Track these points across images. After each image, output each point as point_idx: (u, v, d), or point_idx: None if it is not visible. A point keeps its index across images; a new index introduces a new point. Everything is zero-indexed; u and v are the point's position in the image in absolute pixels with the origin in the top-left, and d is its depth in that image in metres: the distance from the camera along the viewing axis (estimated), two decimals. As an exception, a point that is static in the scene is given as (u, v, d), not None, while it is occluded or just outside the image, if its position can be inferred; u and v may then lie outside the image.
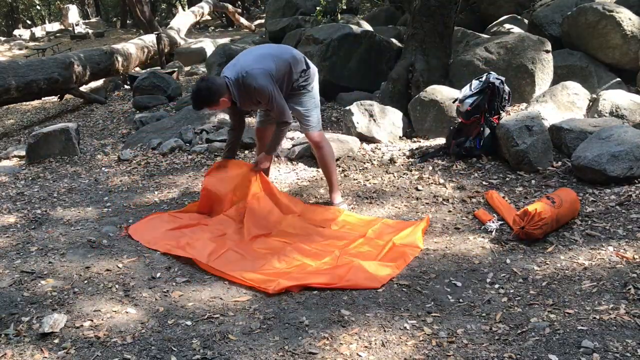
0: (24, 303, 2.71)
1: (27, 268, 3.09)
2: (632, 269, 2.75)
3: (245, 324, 2.52)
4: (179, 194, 4.39)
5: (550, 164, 4.14)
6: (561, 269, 2.85)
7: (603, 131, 3.97)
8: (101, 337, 2.43)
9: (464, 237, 3.33)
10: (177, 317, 2.59)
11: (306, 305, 2.69)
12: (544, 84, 5.36)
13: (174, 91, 8.12)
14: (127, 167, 5.18)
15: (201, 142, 5.49)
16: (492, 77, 4.33)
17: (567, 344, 2.23)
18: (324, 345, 2.35)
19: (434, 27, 5.42)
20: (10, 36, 23.94)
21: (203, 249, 3.28)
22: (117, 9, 28.60)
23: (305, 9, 10.84)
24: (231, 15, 18.03)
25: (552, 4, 6.70)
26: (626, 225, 3.21)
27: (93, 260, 3.20)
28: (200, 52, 11.90)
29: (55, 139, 5.64)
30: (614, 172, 3.67)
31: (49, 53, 14.80)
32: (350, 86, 6.36)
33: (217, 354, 2.30)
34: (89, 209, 4.16)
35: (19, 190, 4.68)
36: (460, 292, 2.75)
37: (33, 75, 7.82)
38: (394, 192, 4.08)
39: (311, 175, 4.57)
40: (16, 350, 2.35)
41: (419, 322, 2.50)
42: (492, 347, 2.27)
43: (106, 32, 21.46)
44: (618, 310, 2.42)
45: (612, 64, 5.80)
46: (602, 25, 5.58)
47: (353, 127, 5.04)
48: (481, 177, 4.15)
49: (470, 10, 8.62)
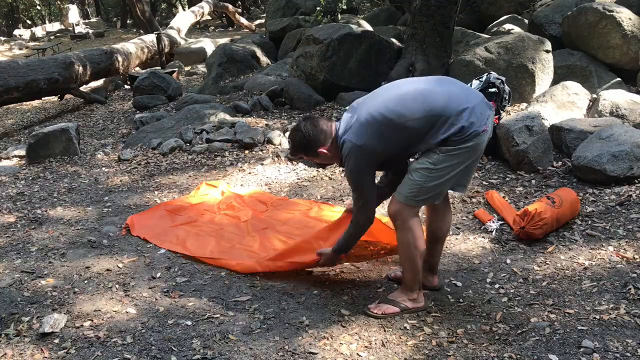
0: (24, 303, 2.71)
1: (27, 268, 3.09)
2: (632, 269, 2.75)
3: (245, 324, 2.52)
4: (179, 194, 4.39)
5: (550, 163, 4.14)
6: (561, 269, 2.85)
7: (603, 131, 3.97)
8: (101, 337, 2.43)
9: (464, 237, 3.33)
10: (177, 317, 2.59)
11: (306, 305, 2.69)
12: (544, 83, 5.36)
13: (174, 91, 8.13)
14: (127, 167, 5.18)
15: (201, 142, 5.49)
16: (492, 77, 4.33)
17: (567, 344, 2.23)
18: (324, 345, 2.35)
19: (434, 27, 5.43)
20: (11, 36, 23.96)
21: (203, 245, 3.35)
22: (117, 8, 28.60)
23: (306, 9, 10.85)
24: (231, 15, 18.04)
25: (552, 4, 6.70)
26: (626, 225, 3.21)
27: (93, 260, 3.20)
28: (200, 52, 11.91)
29: (55, 139, 5.64)
30: (614, 172, 3.67)
31: (49, 53, 14.80)
32: (350, 86, 6.36)
33: (217, 354, 2.30)
34: (89, 208, 4.16)
35: (19, 190, 4.68)
36: (461, 292, 2.75)
37: (33, 75, 7.83)
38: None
39: (311, 175, 4.57)
40: (16, 350, 2.35)
41: (419, 322, 2.50)
42: (492, 347, 2.27)
43: (106, 32, 21.48)
44: (618, 310, 2.42)
45: (612, 64, 5.80)
46: (602, 25, 5.58)
47: (353, 127, 5.02)
48: (481, 177, 4.15)
49: (470, 10, 8.62)
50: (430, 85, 2.44)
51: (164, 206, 4.01)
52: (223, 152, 5.24)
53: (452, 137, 2.31)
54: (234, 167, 4.88)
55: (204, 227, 3.65)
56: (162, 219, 3.77)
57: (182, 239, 3.45)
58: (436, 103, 2.33)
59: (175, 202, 4.11)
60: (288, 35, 9.70)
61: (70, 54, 9.19)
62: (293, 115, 6.23)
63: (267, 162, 4.90)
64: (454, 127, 2.30)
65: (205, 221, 3.76)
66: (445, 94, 2.37)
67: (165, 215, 3.84)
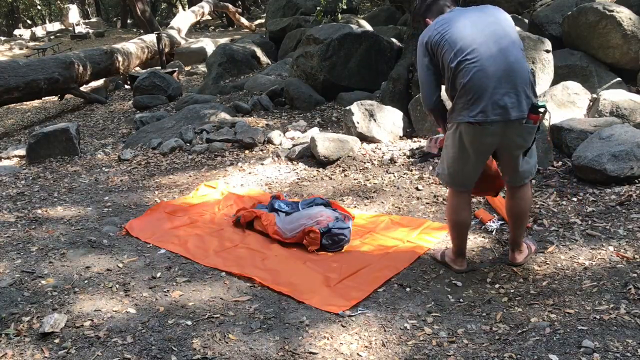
0: (25, 303, 2.71)
1: (27, 268, 3.09)
2: (633, 268, 2.75)
3: (245, 324, 2.52)
4: (179, 194, 4.39)
5: (550, 163, 4.14)
6: (561, 269, 2.85)
7: (603, 131, 3.97)
8: (101, 337, 2.43)
9: (464, 237, 3.33)
10: (177, 317, 2.59)
11: (306, 305, 2.68)
12: (544, 83, 5.36)
13: (174, 91, 8.13)
14: (127, 167, 5.18)
15: (201, 142, 5.49)
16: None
17: (567, 344, 2.23)
18: (325, 345, 2.35)
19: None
20: (11, 36, 23.98)
21: (205, 245, 3.37)
22: (117, 8, 28.62)
23: (306, 9, 10.85)
24: (231, 15, 18.04)
25: (552, 4, 6.69)
26: (626, 225, 3.21)
27: (93, 260, 3.20)
28: (200, 52, 11.92)
29: (55, 139, 5.65)
30: (614, 172, 3.67)
31: (49, 53, 14.81)
32: (350, 86, 6.37)
33: (217, 354, 2.30)
34: (89, 208, 4.16)
35: (20, 190, 4.69)
36: (461, 292, 2.75)
37: (33, 75, 7.84)
38: (394, 192, 4.08)
39: (311, 175, 4.57)
40: (17, 350, 2.35)
41: (419, 322, 2.50)
42: (492, 347, 2.27)
43: (106, 32, 21.49)
44: (618, 310, 2.42)
45: (612, 64, 5.79)
46: (603, 25, 5.57)
47: (353, 127, 5.04)
48: (481, 177, 4.14)
49: (470, 10, 8.60)
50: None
51: (163, 207, 4.01)
52: (223, 152, 5.24)
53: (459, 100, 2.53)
54: (234, 167, 4.88)
55: (205, 228, 3.65)
56: (161, 221, 3.76)
57: (183, 240, 3.45)
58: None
59: (175, 202, 4.11)
60: (288, 35, 9.71)
61: (71, 54, 9.20)
62: (293, 115, 6.23)
63: (268, 162, 4.90)
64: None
65: (206, 221, 3.77)
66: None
67: (165, 217, 3.83)
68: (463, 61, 2.49)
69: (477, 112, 2.49)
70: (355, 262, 3.06)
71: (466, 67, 2.48)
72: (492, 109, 2.47)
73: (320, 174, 4.55)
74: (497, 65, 2.48)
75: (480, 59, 2.47)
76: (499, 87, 2.47)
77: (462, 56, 2.49)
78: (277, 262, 3.12)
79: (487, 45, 2.49)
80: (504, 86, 2.48)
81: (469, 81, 2.48)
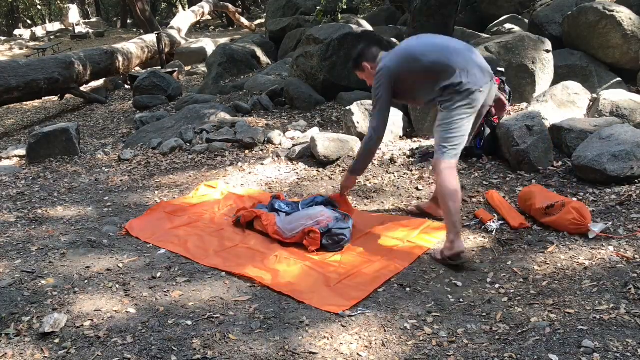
0: (25, 303, 2.71)
1: (27, 268, 3.09)
2: (633, 268, 2.75)
3: (245, 324, 2.52)
4: (179, 193, 4.40)
5: (550, 163, 4.14)
6: (561, 269, 2.85)
7: (603, 131, 3.97)
8: (101, 337, 2.43)
9: (464, 237, 3.32)
10: (177, 317, 2.59)
11: (306, 305, 2.68)
12: (544, 83, 5.37)
13: (174, 91, 8.14)
14: (127, 167, 5.18)
15: (201, 142, 5.49)
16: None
17: (567, 344, 2.23)
18: (325, 345, 2.35)
19: (434, 27, 5.41)
20: (11, 36, 23.98)
21: (205, 245, 3.37)
22: (117, 8, 28.62)
23: (306, 9, 10.85)
24: (231, 15, 18.05)
25: (552, 4, 6.70)
26: (626, 225, 3.21)
27: (93, 260, 3.20)
28: (200, 52, 11.93)
29: (55, 139, 5.65)
30: (614, 172, 3.67)
31: (49, 53, 14.81)
32: (350, 86, 6.36)
33: (217, 353, 2.30)
34: (89, 208, 4.16)
35: (20, 190, 4.69)
36: (461, 291, 2.75)
37: (33, 75, 7.84)
38: (395, 192, 4.08)
39: (311, 175, 4.57)
40: (17, 350, 2.35)
41: (419, 321, 2.50)
42: (492, 346, 2.27)
43: (106, 32, 21.49)
44: (618, 310, 2.42)
45: (612, 64, 5.80)
46: (603, 25, 5.58)
47: (353, 127, 5.04)
48: (481, 177, 4.15)
49: (470, 10, 8.63)
50: (452, 44, 3.16)
51: (163, 207, 4.02)
52: (223, 152, 5.24)
53: (449, 88, 2.97)
54: (234, 167, 4.88)
55: (205, 228, 3.65)
56: (161, 221, 3.77)
57: (183, 240, 3.45)
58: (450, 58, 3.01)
59: (175, 202, 4.12)
60: (288, 35, 9.70)
61: (71, 54, 9.20)
62: (293, 115, 6.23)
63: (268, 162, 4.90)
64: (453, 79, 2.95)
65: (206, 221, 3.77)
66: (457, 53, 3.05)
67: (165, 217, 3.83)
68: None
69: None
70: (355, 262, 3.07)
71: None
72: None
73: (321, 174, 4.55)
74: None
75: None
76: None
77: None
78: (277, 262, 3.12)
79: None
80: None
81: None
